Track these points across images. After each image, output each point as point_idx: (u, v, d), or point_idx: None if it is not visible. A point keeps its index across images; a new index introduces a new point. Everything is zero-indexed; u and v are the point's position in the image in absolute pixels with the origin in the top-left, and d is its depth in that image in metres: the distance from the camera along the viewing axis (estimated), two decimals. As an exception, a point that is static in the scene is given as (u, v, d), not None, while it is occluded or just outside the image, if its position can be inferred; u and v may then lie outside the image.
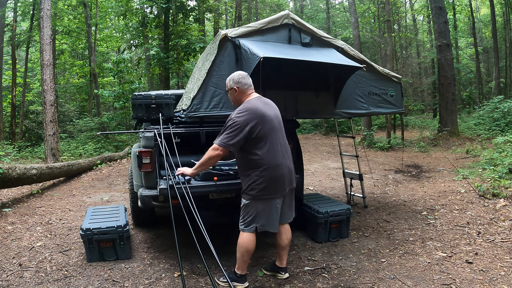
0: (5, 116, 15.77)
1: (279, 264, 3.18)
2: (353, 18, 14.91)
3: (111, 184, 7.58)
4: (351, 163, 8.64)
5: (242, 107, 2.83)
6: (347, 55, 4.03)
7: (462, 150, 10.20)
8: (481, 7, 27.45)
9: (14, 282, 3.13)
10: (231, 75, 2.98)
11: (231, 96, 2.99)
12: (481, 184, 5.34)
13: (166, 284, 3.08)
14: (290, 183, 2.96)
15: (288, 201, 3.04)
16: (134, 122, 6.23)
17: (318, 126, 19.28)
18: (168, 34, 12.29)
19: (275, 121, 2.89)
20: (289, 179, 2.94)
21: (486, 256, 3.43)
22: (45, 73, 9.52)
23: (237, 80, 2.92)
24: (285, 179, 2.89)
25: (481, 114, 14.28)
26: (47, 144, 9.55)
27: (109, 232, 3.47)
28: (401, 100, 4.76)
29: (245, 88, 2.91)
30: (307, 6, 27.67)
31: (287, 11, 3.81)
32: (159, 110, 3.71)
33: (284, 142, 2.96)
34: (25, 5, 15.93)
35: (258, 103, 2.86)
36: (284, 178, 2.88)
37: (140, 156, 3.38)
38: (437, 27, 12.67)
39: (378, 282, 3.05)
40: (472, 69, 22.14)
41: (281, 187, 2.88)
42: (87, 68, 18.47)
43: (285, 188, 2.91)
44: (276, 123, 2.90)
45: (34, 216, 5.16)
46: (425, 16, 24.27)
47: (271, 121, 2.85)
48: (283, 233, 3.08)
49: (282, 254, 3.14)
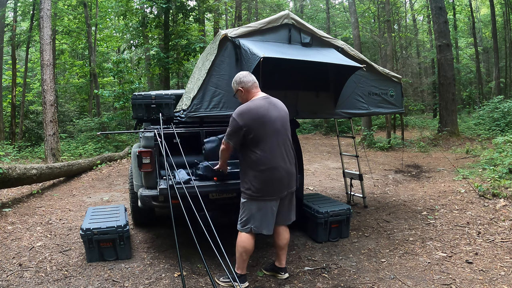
0: (5, 116, 15.77)
1: (278, 265, 3.17)
2: (353, 18, 14.91)
3: (111, 184, 7.58)
4: (351, 163, 8.63)
5: (243, 106, 2.83)
6: (347, 55, 4.03)
7: (462, 150, 10.20)
8: (481, 7, 27.44)
9: (14, 282, 3.13)
10: (234, 78, 2.98)
11: (239, 98, 2.99)
12: (481, 184, 5.34)
13: (166, 284, 3.08)
14: (289, 186, 2.93)
15: (287, 204, 3.02)
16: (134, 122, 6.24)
17: (318, 126, 19.28)
18: (168, 34, 12.29)
19: (278, 123, 2.85)
20: (288, 182, 2.90)
21: (486, 256, 3.43)
22: (45, 73, 9.52)
23: (239, 80, 2.92)
24: (283, 182, 2.86)
25: (481, 114, 14.28)
26: (47, 144, 9.56)
27: (109, 232, 3.47)
28: (401, 100, 4.76)
29: (249, 86, 2.90)
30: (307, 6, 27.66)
31: (287, 11, 3.80)
32: (159, 110, 3.71)
33: (286, 144, 2.92)
34: (25, 5, 15.93)
35: (261, 103, 2.83)
36: (282, 181, 2.85)
37: (140, 156, 3.38)
38: (437, 27, 12.67)
39: (378, 282, 3.05)
40: (472, 69, 22.14)
41: (278, 190, 2.85)
42: (87, 68, 18.47)
43: (282, 191, 2.88)
44: (279, 125, 2.86)
45: (34, 216, 5.16)
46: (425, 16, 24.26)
47: (273, 123, 2.82)
48: (281, 234, 3.07)
49: (281, 255, 3.14)
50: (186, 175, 3.34)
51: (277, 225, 3.02)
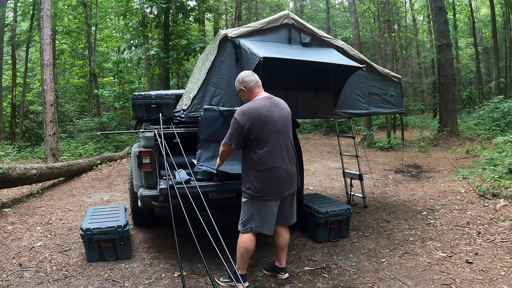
0: (5, 116, 15.77)
1: (278, 265, 3.17)
2: (353, 18, 14.91)
3: (111, 184, 7.58)
4: (351, 163, 8.63)
5: (244, 107, 2.83)
6: (347, 55, 4.03)
7: (462, 150, 10.20)
8: (481, 7, 27.44)
9: (14, 282, 3.13)
10: (237, 77, 2.96)
11: (242, 98, 2.98)
12: (481, 184, 5.34)
13: (166, 284, 3.08)
14: (290, 187, 2.92)
15: (288, 204, 3.02)
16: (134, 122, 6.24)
17: (318, 126, 19.27)
18: (168, 34, 12.28)
19: (279, 124, 2.84)
20: (289, 182, 2.90)
21: (486, 256, 3.43)
22: (45, 73, 9.52)
23: (242, 80, 2.91)
24: (283, 182, 2.86)
25: (481, 114, 14.28)
26: (47, 144, 9.55)
27: (109, 232, 3.47)
28: (401, 100, 4.76)
29: (251, 86, 2.89)
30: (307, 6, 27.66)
31: (287, 11, 3.81)
32: (159, 110, 3.71)
33: (287, 144, 2.91)
34: (25, 5, 15.93)
35: (263, 103, 2.82)
36: (282, 181, 2.85)
37: (140, 156, 3.38)
38: (437, 27, 12.67)
39: (378, 282, 3.05)
40: (472, 69, 22.13)
41: (278, 190, 2.85)
42: (87, 68, 18.47)
43: (283, 191, 2.88)
44: (281, 125, 2.86)
45: (34, 216, 5.16)
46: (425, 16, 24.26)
47: (274, 123, 2.81)
48: (281, 234, 3.07)
49: (281, 255, 3.14)
50: (186, 175, 3.34)
51: (278, 226, 3.02)
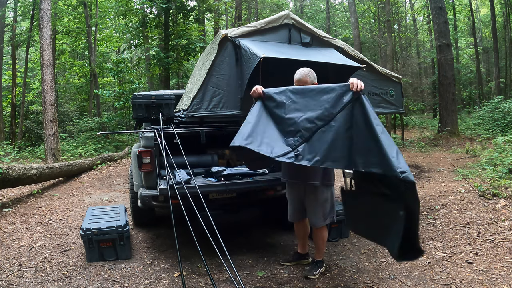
0: (5, 116, 15.77)
1: (302, 251, 3.40)
2: (353, 18, 14.92)
3: (111, 184, 7.58)
4: (351, 163, 8.61)
5: None
6: (347, 55, 4.03)
7: (462, 150, 10.19)
8: (481, 7, 27.45)
9: (14, 282, 3.13)
10: (307, 72, 2.96)
11: None
12: (481, 184, 5.33)
13: (166, 284, 3.08)
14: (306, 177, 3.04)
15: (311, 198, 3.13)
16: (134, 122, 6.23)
17: (318, 126, 19.23)
18: (168, 34, 12.29)
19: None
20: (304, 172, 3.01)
21: (486, 256, 3.43)
22: (45, 73, 9.52)
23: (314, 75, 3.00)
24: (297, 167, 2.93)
25: (481, 114, 14.27)
26: (47, 144, 9.56)
27: (109, 232, 3.47)
28: (401, 100, 4.76)
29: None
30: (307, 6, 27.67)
31: (287, 11, 3.81)
32: (159, 110, 3.71)
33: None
34: (25, 5, 15.94)
35: None
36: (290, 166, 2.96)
37: (140, 156, 3.37)
38: (437, 27, 12.67)
39: (378, 282, 3.05)
40: (472, 69, 22.14)
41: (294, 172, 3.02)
42: (87, 68, 18.47)
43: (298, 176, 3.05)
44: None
45: (34, 216, 5.16)
46: (425, 16, 24.27)
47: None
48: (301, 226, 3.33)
49: (304, 243, 3.41)
50: (186, 175, 3.34)
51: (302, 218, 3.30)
